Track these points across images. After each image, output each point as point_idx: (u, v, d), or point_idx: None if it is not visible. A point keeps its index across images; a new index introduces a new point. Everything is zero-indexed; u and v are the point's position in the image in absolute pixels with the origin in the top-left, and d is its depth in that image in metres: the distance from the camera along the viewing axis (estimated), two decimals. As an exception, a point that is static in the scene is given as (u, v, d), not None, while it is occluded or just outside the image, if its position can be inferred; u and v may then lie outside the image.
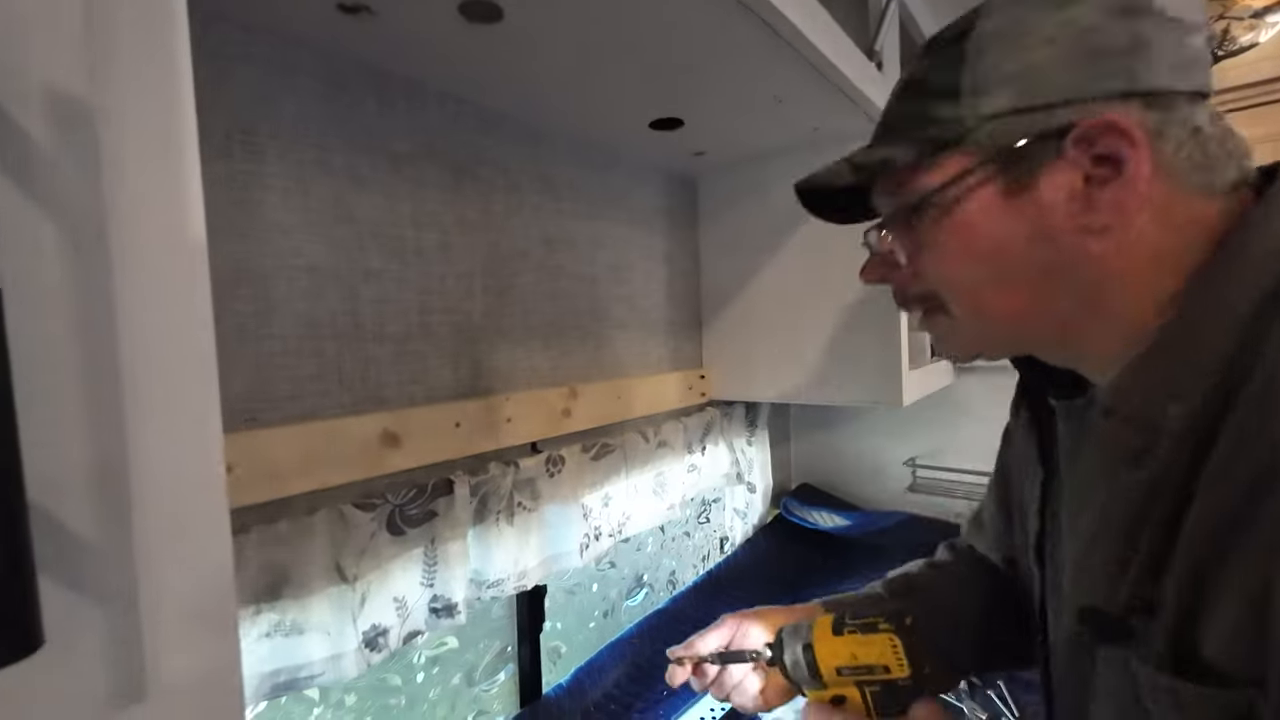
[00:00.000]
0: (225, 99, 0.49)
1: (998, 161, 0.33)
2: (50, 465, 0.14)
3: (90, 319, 0.15)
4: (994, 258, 0.34)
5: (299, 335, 0.53)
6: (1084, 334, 0.35)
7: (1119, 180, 0.31)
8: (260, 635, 0.51)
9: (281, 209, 0.52)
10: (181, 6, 0.18)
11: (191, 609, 0.18)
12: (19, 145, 0.14)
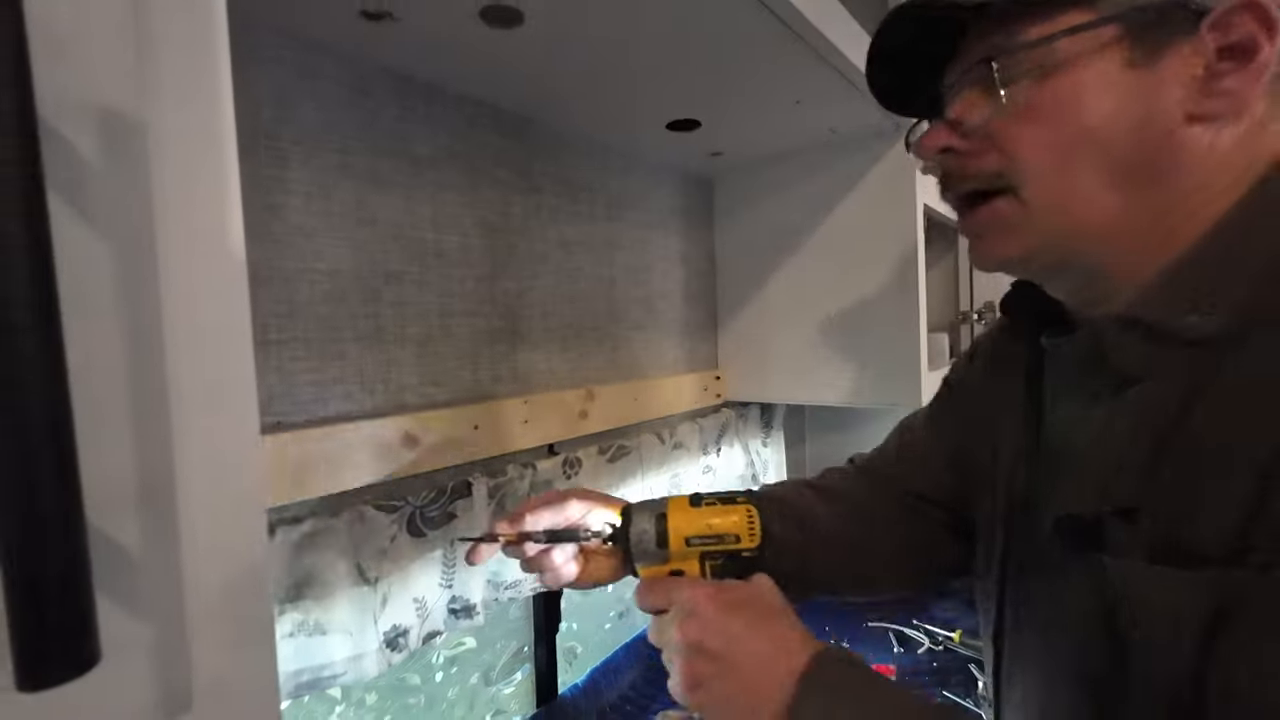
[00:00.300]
0: (250, 103, 0.50)
1: (1126, 23, 0.30)
2: (101, 483, 0.15)
3: (140, 334, 0.16)
4: (1100, 136, 0.31)
5: (322, 338, 0.54)
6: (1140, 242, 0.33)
7: (1242, 70, 0.29)
8: (284, 635, 0.51)
9: (304, 213, 0.53)
10: (223, 22, 0.18)
11: (232, 617, 0.18)
12: (72, 164, 0.14)
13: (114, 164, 0.15)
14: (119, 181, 0.15)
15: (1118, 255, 0.34)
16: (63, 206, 0.14)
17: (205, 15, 0.17)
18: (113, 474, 0.15)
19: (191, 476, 0.17)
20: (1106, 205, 0.32)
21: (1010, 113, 0.33)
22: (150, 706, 0.15)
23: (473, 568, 0.63)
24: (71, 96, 0.14)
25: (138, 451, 0.15)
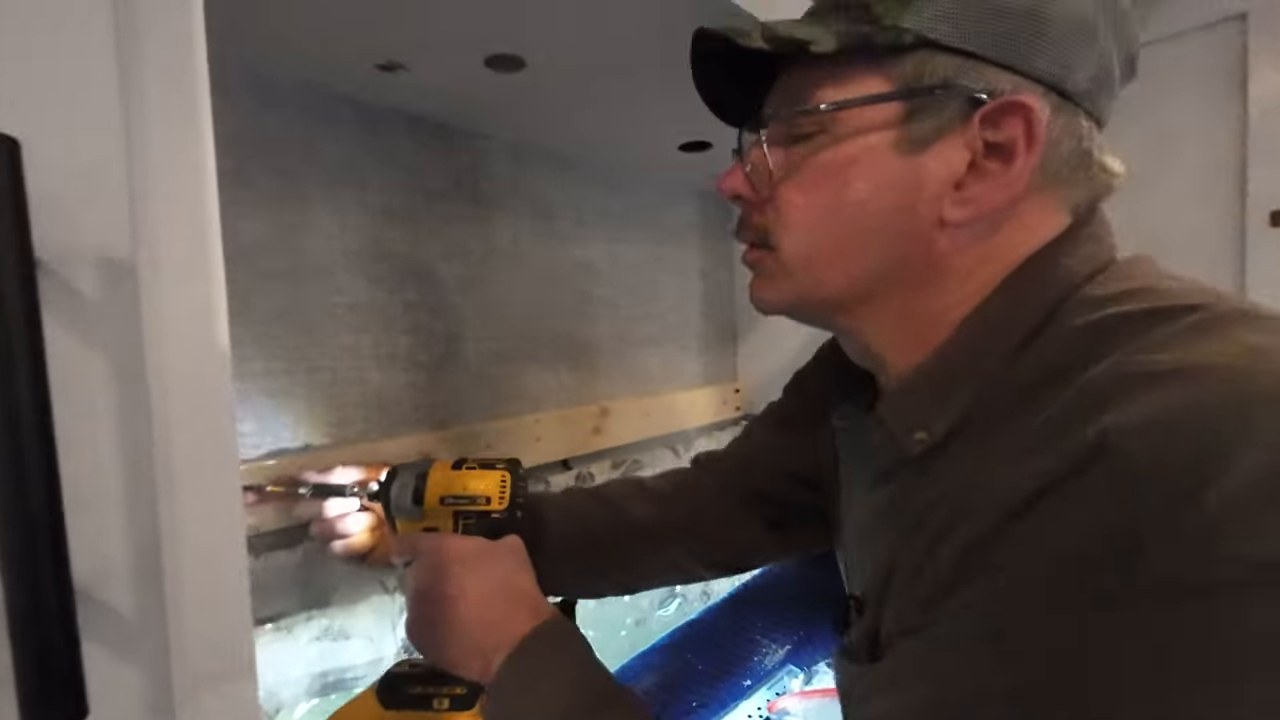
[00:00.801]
0: (276, 152, 0.54)
1: (909, 103, 0.30)
2: (97, 559, 0.18)
3: (131, 433, 0.19)
4: (856, 214, 0.32)
5: (344, 366, 0.58)
6: (892, 329, 0.34)
7: (999, 177, 0.29)
8: (310, 639, 0.56)
9: (325, 251, 0.57)
10: (211, 170, 0.21)
11: (217, 671, 0.21)
12: (71, 299, 0.17)
13: (108, 296, 0.18)
14: (112, 310, 0.18)
15: (876, 337, 0.35)
16: (63, 331, 0.17)
17: (196, 165, 0.20)
18: (108, 554, 0.18)
19: (178, 554, 0.20)
20: (857, 286, 0.33)
21: (793, 173, 0.33)
22: (140, 739, 0.18)
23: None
24: (70, 243, 0.17)
25: (132, 534, 0.18)
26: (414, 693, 0.41)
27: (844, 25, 0.31)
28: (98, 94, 0.18)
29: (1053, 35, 0.29)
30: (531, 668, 0.35)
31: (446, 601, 0.38)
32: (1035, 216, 0.31)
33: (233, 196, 0.51)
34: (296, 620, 0.55)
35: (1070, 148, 0.30)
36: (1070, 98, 0.30)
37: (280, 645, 0.53)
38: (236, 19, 0.43)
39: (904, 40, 0.29)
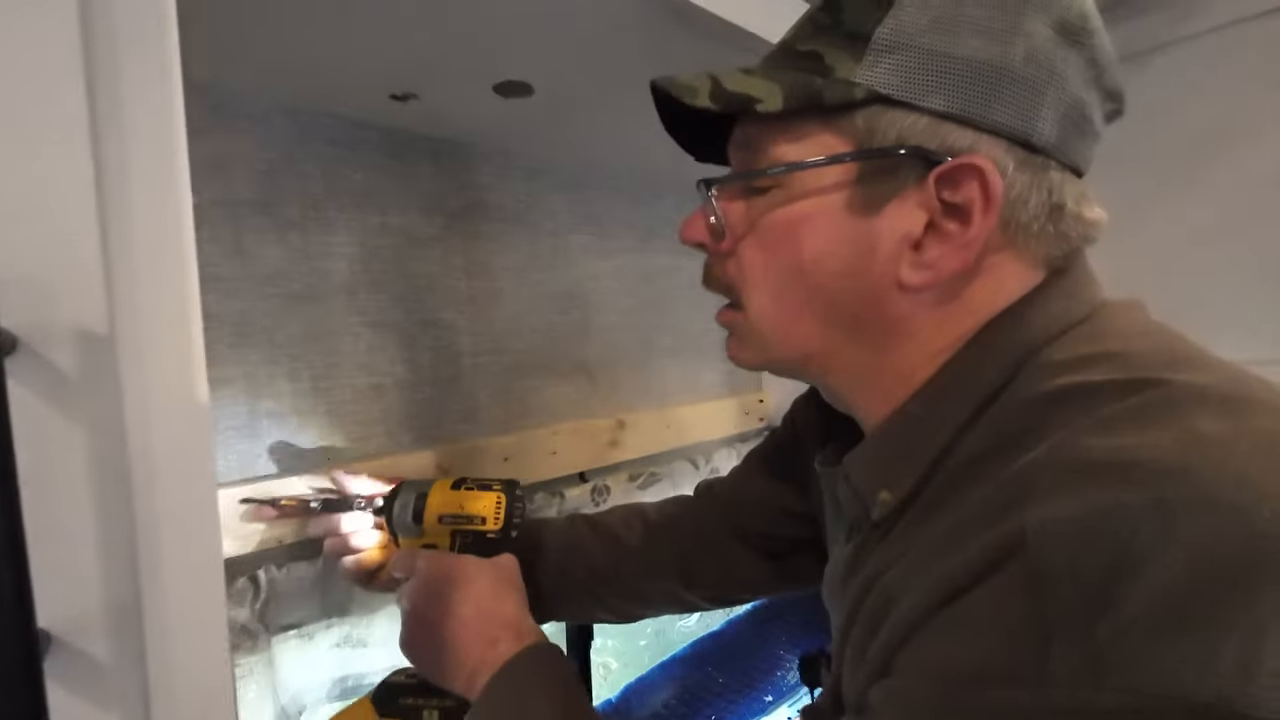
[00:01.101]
0: (300, 179, 0.56)
1: (861, 163, 0.29)
2: (75, 611, 0.19)
3: (112, 500, 0.20)
4: (809, 274, 0.31)
5: (365, 383, 0.60)
6: (861, 385, 0.33)
7: (958, 239, 0.28)
8: (331, 646, 0.59)
9: (348, 273, 0.59)
10: (190, 241, 0.22)
11: (194, 701, 0.22)
12: (48, 374, 0.18)
13: (86, 368, 0.19)
14: (90, 382, 0.19)
15: (848, 392, 0.34)
16: (42, 403, 0.18)
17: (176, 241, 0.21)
18: (87, 605, 0.19)
19: (157, 604, 0.21)
20: (821, 345, 0.33)
21: (752, 229, 0.32)
22: (116, 780, 0.20)
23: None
24: (48, 323, 0.18)
25: (108, 586, 0.20)
26: (406, 703, 0.44)
27: (797, 76, 0.30)
28: (71, 179, 0.19)
29: (1012, 87, 0.27)
30: (514, 691, 0.37)
31: (437, 618, 0.40)
32: (1002, 275, 0.30)
33: (263, 224, 0.54)
34: (317, 628, 0.57)
35: (1039, 202, 0.29)
36: (1038, 150, 0.28)
37: (302, 651, 0.56)
38: (264, 57, 0.45)
39: (854, 95, 0.28)
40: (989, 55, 0.27)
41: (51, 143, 0.19)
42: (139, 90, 0.21)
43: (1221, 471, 0.19)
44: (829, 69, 0.29)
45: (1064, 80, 0.28)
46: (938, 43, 0.27)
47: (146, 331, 0.21)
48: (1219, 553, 0.18)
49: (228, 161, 0.52)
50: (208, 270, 0.51)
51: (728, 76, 0.31)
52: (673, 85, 0.32)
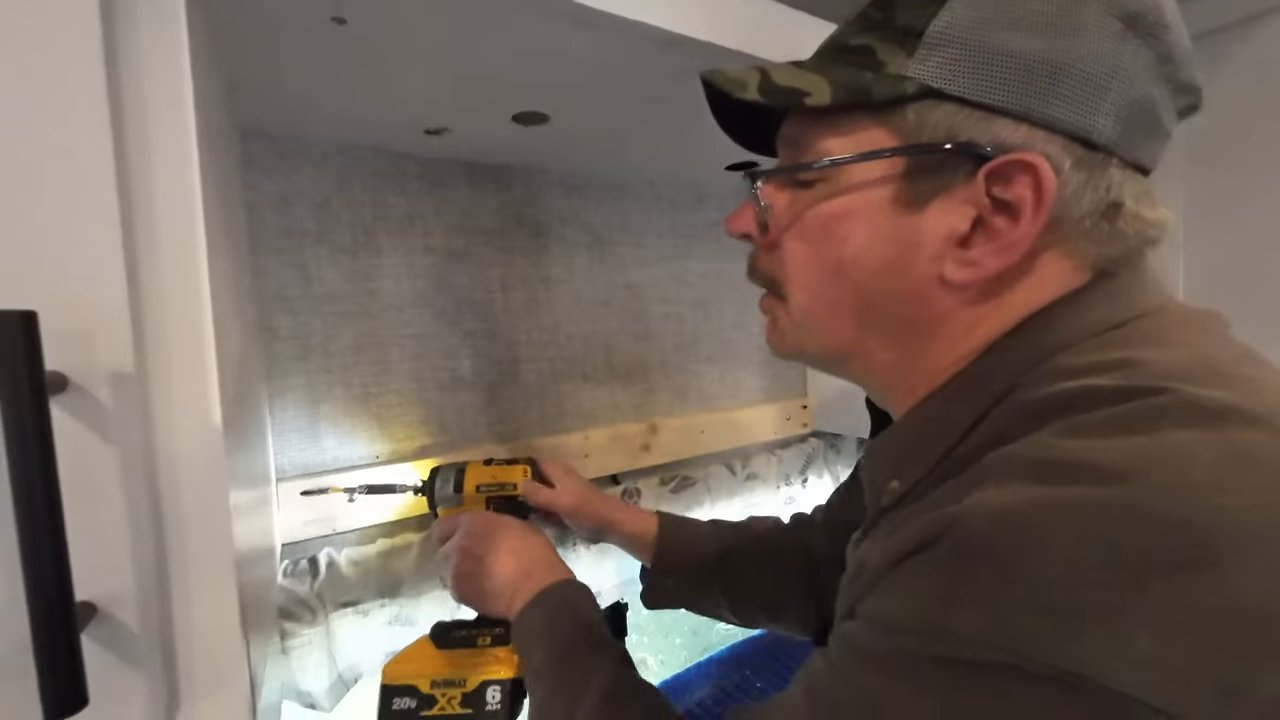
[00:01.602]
0: (352, 209, 0.63)
1: (909, 158, 0.29)
2: (110, 584, 0.24)
3: (141, 504, 0.25)
4: (848, 270, 0.31)
5: (410, 390, 0.67)
6: (893, 382, 0.33)
7: (1006, 237, 0.28)
8: (383, 623, 0.66)
9: (395, 291, 0.66)
10: (206, 294, 0.27)
11: (214, 681, 0.27)
12: (91, 406, 0.24)
13: (120, 399, 0.24)
14: (123, 410, 0.24)
15: (881, 387, 0.35)
16: (84, 428, 0.24)
17: (194, 294, 0.26)
18: (121, 583, 0.25)
19: (183, 585, 0.26)
20: (859, 339, 0.33)
21: (795, 223, 0.33)
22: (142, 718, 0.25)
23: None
24: (87, 364, 0.24)
25: (137, 568, 0.25)
26: (460, 635, 0.52)
27: (847, 71, 0.30)
28: (106, 250, 0.24)
29: (1072, 83, 0.27)
30: (546, 612, 0.45)
31: (483, 554, 0.50)
32: (1045, 274, 0.29)
33: (322, 251, 0.62)
34: (372, 606, 0.65)
35: (1093, 201, 0.28)
36: (1097, 147, 0.27)
37: (358, 626, 0.64)
38: (320, 108, 0.52)
39: (905, 90, 0.28)
40: (1048, 51, 0.27)
41: (92, 223, 0.24)
42: (163, 179, 0.26)
43: (1167, 480, 0.20)
44: (880, 64, 0.29)
45: (1129, 76, 0.27)
46: (993, 38, 0.27)
47: (167, 371, 0.26)
48: (1118, 551, 0.19)
49: (292, 198, 0.60)
50: (278, 292, 0.60)
51: (777, 70, 0.32)
52: (722, 79, 0.32)
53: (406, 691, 0.50)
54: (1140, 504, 0.20)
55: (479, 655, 0.51)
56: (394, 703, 0.50)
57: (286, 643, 0.57)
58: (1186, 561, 0.19)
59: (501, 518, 0.54)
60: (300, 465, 0.61)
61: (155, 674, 0.25)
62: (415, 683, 0.50)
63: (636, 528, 0.60)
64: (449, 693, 0.50)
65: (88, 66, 0.23)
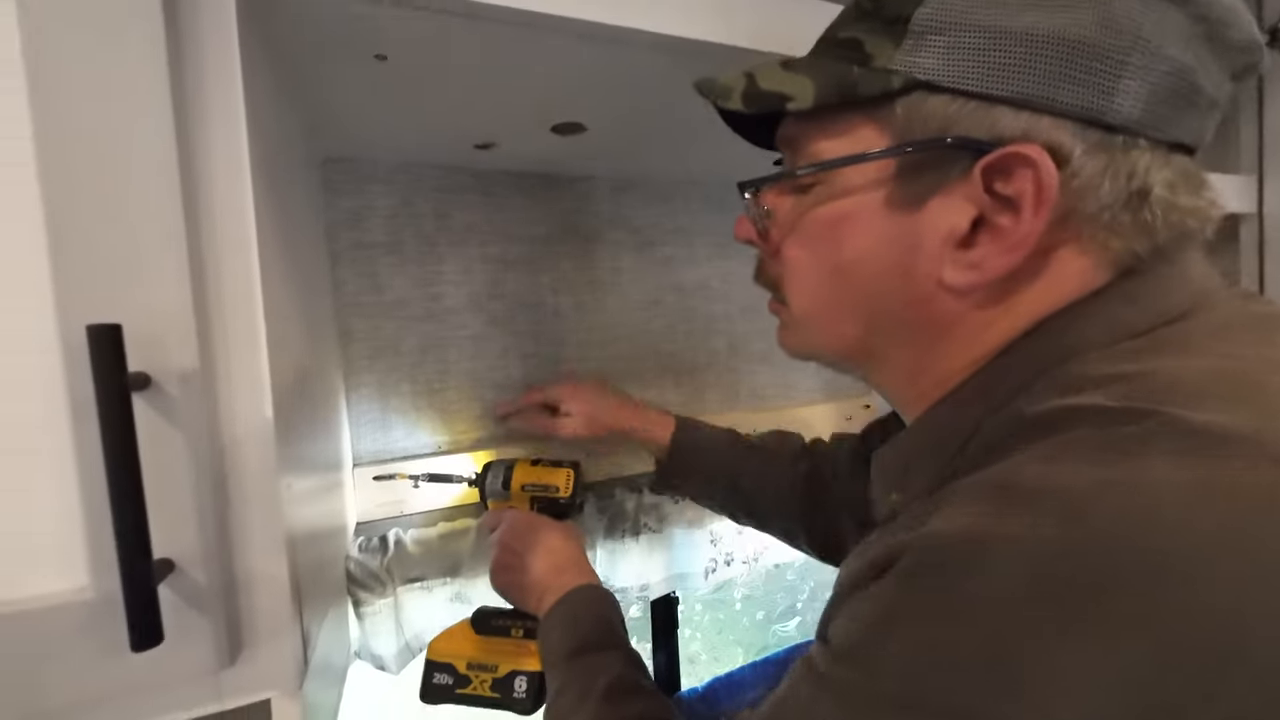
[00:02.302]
0: (416, 221, 0.69)
1: (901, 157, 0.27)
2: (181, 546, 0.30)
3: (207, 476, 0.30)
4: (848, 273, 0.30)
5: (468, 387, 0.72)
6: (903, 386, 0.32)
7: (1008, 237, 0.26)
8: (445, 599, 0.72)
9: (454, 296, 0.71)
10: (260, 308, 0.32)
11: (268, 630, 0.32)
12: (167, 400, 0.29)
13: (186, 393, 0.30)
14: (190, 401, 0.30)
15: (891, 390, 0.33)
16: (160, 417, 0.29)
17: (249, 306, 0.31)
18: (190, 544, 0.30)
19: (240, 544, 0.31)
20: (864, 342, 0.32)
21: (795, 227, 0.32)
22: (211, 664, 0.30)
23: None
24: (162, 363, 0.29)
25: (202, 532, 0.30)
26: (497, 624, 0.57)
27: (835, 67, 0.29)
28: (176, 272, 0.29)
29: (1081, 60, 0.24)
30: (571, 612, 0.48)
31: (520, 550, 0.54)
32: (1062, 273, 0.27)
33: (390, 261, 0.68)
34: (435, 583, 0.71)
35: (1114, 190, 0.25)
36: (1117, 129, 0.25)
37: (424, 600, 0.70)
38: (385, 132, 0.58)
39: (891, 85, 0.27)
40: (1050, 27, 0.24)
41: (164, 248, 0.29)
42: (223, 208, 0.31)
43: (1126, 523, 0.19)
44: (868, 57, 0.28)
45: (1154, 45, 0.24)
46: (987, 18, 0.25)
47: (228, 371, 0.31)
48: (1062, 603, 0.19)
49: (363, 213, 0.67)
50: (351, 299, 0.67)
51: (764, 73, 0.31)
52: (710, 88, 0.33)
53: (446, 669, 0.56)
54: (1092, 549, 0.19)
55: (511, 645, 0.55)
56: (434, 676, 0.56)
57: (361, 609, 0.65)
58: (1127, 620, 0.17)
59: (541, 519, 0.58)
60: (373, 453, 0.68)
61: (220, 622, 0.31)
62: (454, 662, 0.55)
63: (651, 436, 0.64)
64: (482, 675, 0.55)
65: (159, 119, 0.28)
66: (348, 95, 0.48)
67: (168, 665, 0.29)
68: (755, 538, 0.88)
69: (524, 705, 0.53)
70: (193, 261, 0.29)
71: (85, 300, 0.27)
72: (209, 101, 0.30)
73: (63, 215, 0.27)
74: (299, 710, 0.35)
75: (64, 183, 0.27)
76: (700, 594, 0.88)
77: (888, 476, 0.32)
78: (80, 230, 0.27)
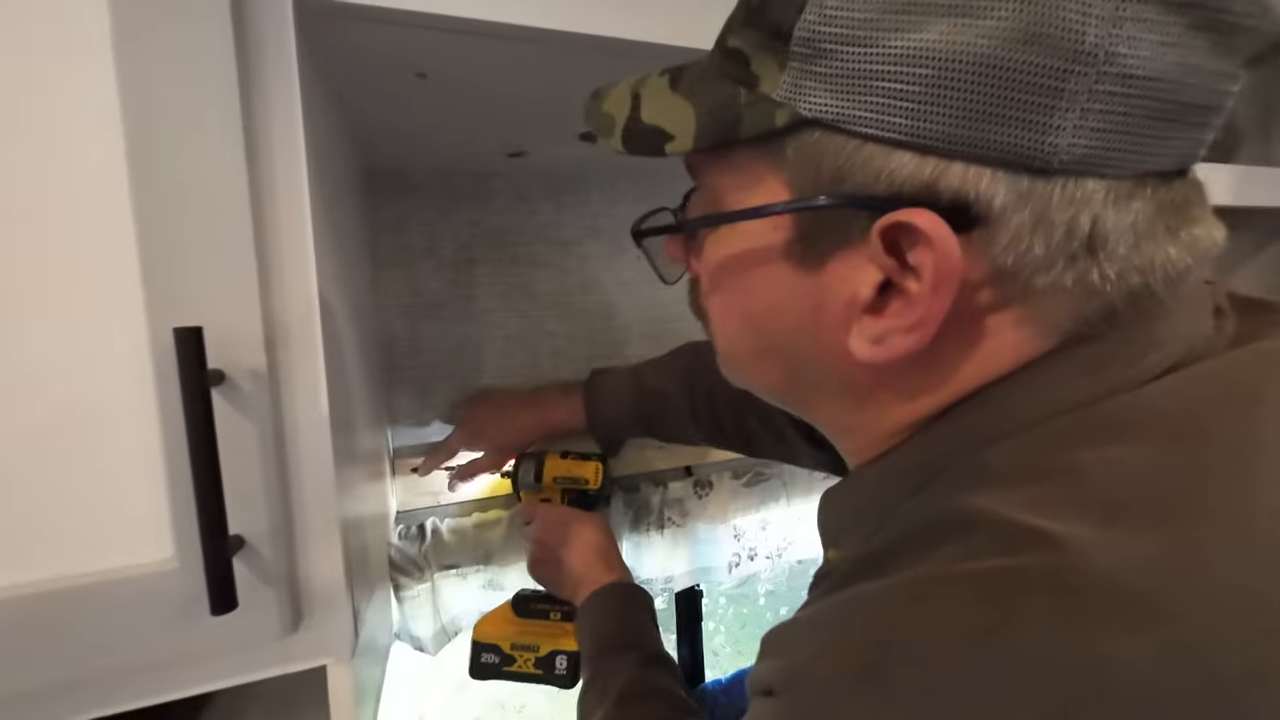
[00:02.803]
0: (452, 227, 0.73)
1: (796, 212, 0.23)
2: (255, 527, 0.33)
3: (274, 463, 0.34)
4: (760, 325, 0.27)
5: (501, 384, 0.76)
6: (838, 435, 0.31)
7: (913, 311, 0.22)
8: (479, 586, 0.75)
9: (487, 297, 0.75)
10: (316, 314, 0.35)
11: (324, 601, 0.36)
12: (239, 394, 0.32)
13: (255, 388, 0.33)
14: (258, 395, 0.33)
15: (827, 433, 0.31)
16: (234, 409, 0.32)
17: (307, 312, 0.35)
18: (259, 524, 0.33)
19: (301, 521, 0.35)
20: (790, 388, 0.30)
21: (703, 269, 0.30)
22: (275, 630, 0.34)
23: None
24: (234, 358, 0.32)
25: (270, 514, 0.34)
26: (536, 607, 0.62)
27: (719, 90, 0.24)
28: (244, 285, 0.33)
29: (1000, 88, 0.19)
30: (607, 604, 0.52)
31: (557, 544, 0.57)
32: (997, 342, 0.23)
33: (429, 265, 0.72)
34: (469, 570, 0.75)
35: (1050, 247, 0.21)
36: (1057, 172, 0.20)
37: (458, 587, 0.74)
38: (426, 144, 0.61)
39: (774, 124, 0.22)
40: (959, 45, 0.19)
41: (238, 262, 0.32)
42: (286, 226, 0.34)
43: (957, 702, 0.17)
44: (754, 78, 0.23)
45: (1109, 54, 0.18)
46: (878, 38, 0.20)
47: (291, 370, 0.34)
48: None
49: (405, 220, 0.71)
50: (395, 301, 0.71)
51: (651, 97, 0.27)
52: (594, 117, 0.30)
53: (492, 649, 0.60)
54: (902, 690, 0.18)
55: (551, 627, 0.60)
56: (482, 656, 0.60)
57: (401, 594, 0.69)
58: None
59: (573, 514, 0.62)
60: (413, 446, 0.72)
61: (284, 594, 0.34)
62: (499, 643, 0.60)
63: (567, 421, 0.67)
64: (525, 655, 0.59)
65: (233, 151, 0.31)
66: (390, 111, 0.52)
67: (239, 630, 0.33)
68: (778, 534, 0.89)
69: (565, 681, 0.58)
70: (260, 273, 0.33)
71: (171, 307, 0.31)
72: (273, 132, 0.33)
73: (152, 235, 0.30)
74: (351, 677, 0.38)
75: (152, 207, 0.30)
76: (724, 588, 0.90)
77: (828, 532, 0.31)
78: (166, 247, 0.31)
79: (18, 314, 0.29)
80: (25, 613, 0.30)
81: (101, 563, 0.32)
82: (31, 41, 0.28)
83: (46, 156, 0.29)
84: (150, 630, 0.32)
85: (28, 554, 0.31)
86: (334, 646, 0.37)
